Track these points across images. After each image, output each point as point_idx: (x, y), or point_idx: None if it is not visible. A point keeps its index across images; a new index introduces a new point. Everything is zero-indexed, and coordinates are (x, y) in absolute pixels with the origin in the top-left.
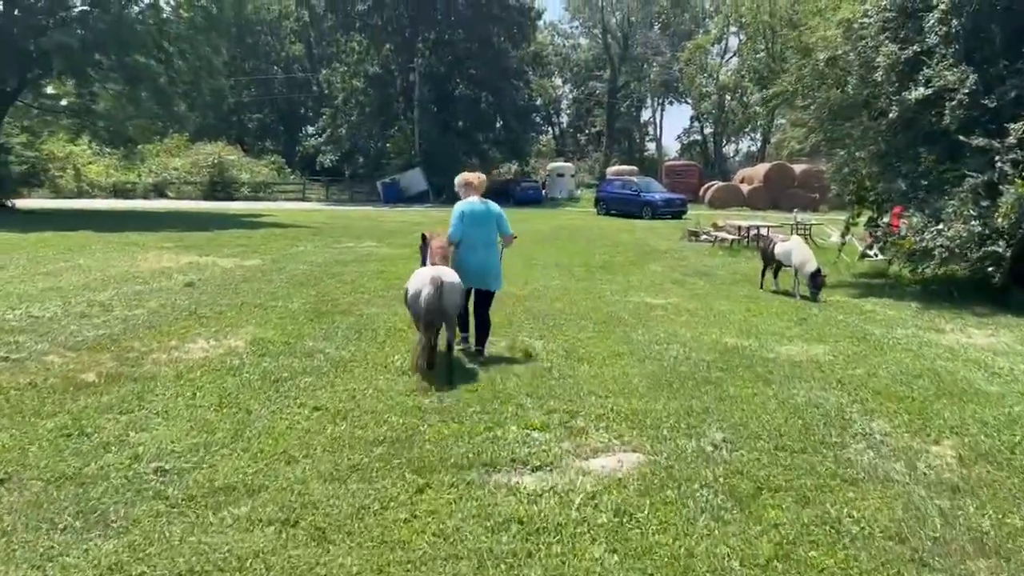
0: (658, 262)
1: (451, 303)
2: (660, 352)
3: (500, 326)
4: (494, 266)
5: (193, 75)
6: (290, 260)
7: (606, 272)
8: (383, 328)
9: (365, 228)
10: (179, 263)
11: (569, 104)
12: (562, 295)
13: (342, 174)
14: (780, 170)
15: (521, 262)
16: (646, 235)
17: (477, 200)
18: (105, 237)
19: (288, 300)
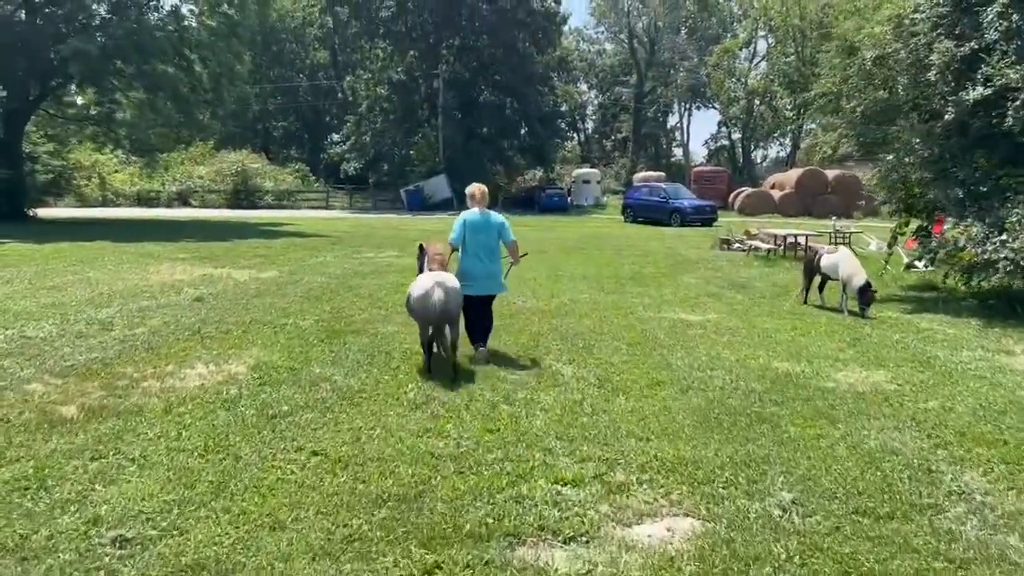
0: (691, 273)
1: (454, 306)
2: (704, 380)
3: (526, 347)
4: (497, 272)
5: (214, 82)
6: (307, 272)
7: (637, 284)
8: (398, 351)
9: (387, 237)
10: (192, 276)
11: (595, 110)
12: (591, 311)
13: (366, 182)
14: (812, 176)
15: (547, 273)
16: (676, 244)
17: (478, 210)
18: (121, 248)
19: (300, 317)
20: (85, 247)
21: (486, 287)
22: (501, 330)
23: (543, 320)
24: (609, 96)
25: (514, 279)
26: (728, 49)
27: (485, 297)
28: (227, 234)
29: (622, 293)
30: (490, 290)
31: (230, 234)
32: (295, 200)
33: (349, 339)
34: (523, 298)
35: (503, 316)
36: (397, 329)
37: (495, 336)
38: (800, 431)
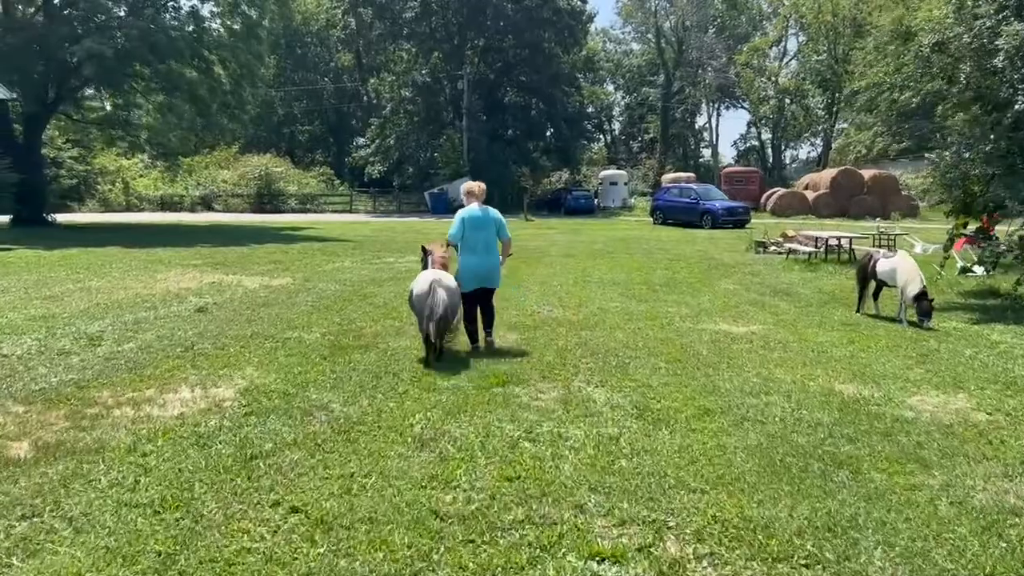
0: (728, 278)
1: (452, 304)
2: (760, 408)
3: (553, 366)
4: (495, 266)
5: (234, 84)
6: (322, 279)
7: (671, 291)
8: (407, 371)
9: (408, 241)
10: (200, 283)
11: (621, 111)
12: (624, 321)
13: (391, 185)
14: (848, 175)
15: (574, 279)
16: (708, 247)
17: (477, 207)
18: (132, 253)
19: (306, 330)
20: (95, 253)
21: (486, 281)
22: (524, 344)
23: (570, 333)
24: (636, 97)
25: (539, 285)
26: (758, 47)
27: (486, 291)
28: (245, 239)
29: (656, 301)
30: (490, 283)
31: (248, 239)
32: (319, 204)
33: (355, 356)
34: (548, 307)
35: (526, 328)
36: (408, 343)
37: (515, 353)
38: (888, 479)
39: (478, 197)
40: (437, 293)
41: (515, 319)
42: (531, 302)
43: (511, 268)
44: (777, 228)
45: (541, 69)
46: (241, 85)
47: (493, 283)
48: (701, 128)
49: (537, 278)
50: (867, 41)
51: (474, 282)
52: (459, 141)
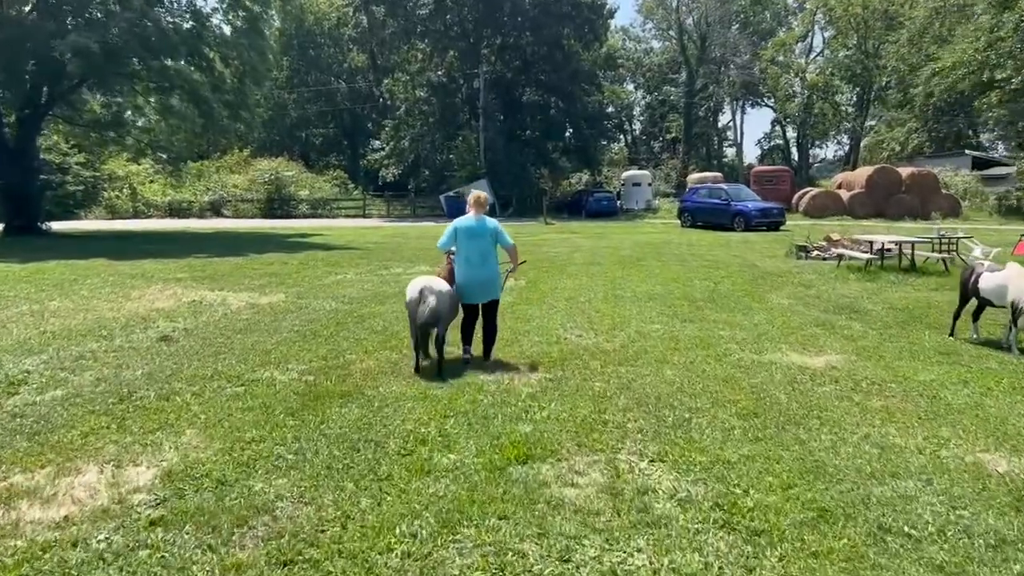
0: (778, 291)
1: (443, 309)
2: (897, 507)
3: (590, 425)
4: (493, 277)
5: (238, 82)
6: (318, 295)
7: (717, 307)
8: (395, 436)
9: (421, 249)
10: (178, 302)
11: (642, 110)
12: (671, 351)
13: (406, 188)
14: (885, 174)
15: (603, 292)
16: (745, 251)
17: (473, 216)
18: (115, 267)
19: (282, 366)
20: (75, 267)
21: (482, 293)
22: (550, 386)
23: (607, 369)
24: (657, 96)
25: (564, 301)
26: (783, 42)
27: (485, 304)
28: (246, 247)
29: (703, 321)
30: (487, 296)
31: (249, 247)
32: (331, 209)
33: (332, 411)
34: (577, 330)
35: (551, 361)
36: (403, 388)
37: (539, 401)
38: None
39: (482, 207)
40: (426, 300)
41: (537, 348)
42: (556, 323)
43: (531, 280)
44: (815, 231)
45: (560, 67)
46: (245, 83)
47: (492, 294)
48: (724, 127)
49: (561, 292)
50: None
51: (472, 295)
52: (475, 142)
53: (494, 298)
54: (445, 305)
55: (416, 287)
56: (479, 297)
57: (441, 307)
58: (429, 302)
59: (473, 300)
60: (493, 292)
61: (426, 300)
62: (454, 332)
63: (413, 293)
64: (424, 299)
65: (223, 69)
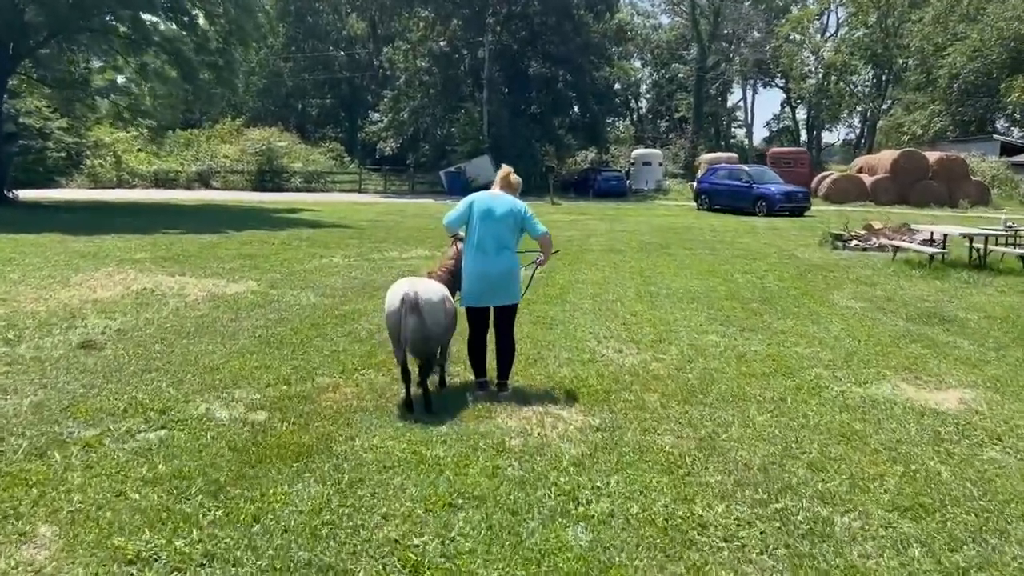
0: (838, 289)
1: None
2: None
3: (680, 528)
4: (510, 273)
5: (223, 42)
6: (296, 283)
7: (776, 310)
8: (373, 550)
9: (418, 228)
10: (125, 291)
11: (649, 88)
12: (744, 378)
13: (404, 163)
14: (910, 158)
15: (635, 289)
16: (775, 239)
17: (496, 193)
18: (67, 243)
19: (225, 395)
20: (19, 242)
21: (497, 294)
22: (602, 449)
23: (671, 408)
24: (664, 74)
25: (590, 299)
26: (800, 19)
27: (498, 311)
28: (225, 222)
29: (767, 331)
30: (504, 298)
31: (229, 223)
32: (325, 183)
33: (279, 492)
34: (614, 342)
35: (591, 394)
36: (391, 443)
37: (582, 468)
38: None
39: (512, 188)
40: (407, 317)
41: (568, 369)
42: (585, 330)
43: (546, 271)
44: (843, 217)
45: (569, 38)
46: (231, 43)
47: (508, 297)
48: (734, 107)
49: (584, 287)
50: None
51: (480, 294)
52: (479, 115)
53: (510, 302)
54: (438, 319)
55: (396, 294)
56: (489, 299)
57: (432, 322)
58: (413, 318)
59: (481, 302)
60: (509, 294)
61: (412, 313)
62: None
63: (393, 302)
64: (408, 311)
65: (207, 27)
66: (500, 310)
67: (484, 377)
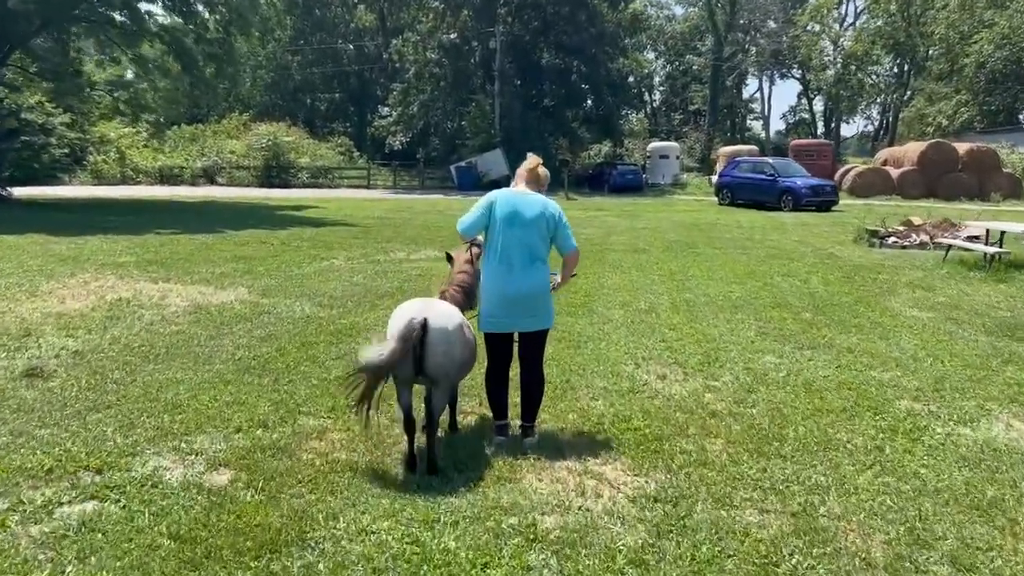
0: (893, 295)
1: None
2: None
3: None
4: (541, 291)
5: (223, 31)
6: (291, 291)
7: (833, 322)
8: None
9: (428, 226)
10: (99, 300)
11: (662, 80)
12: (819, 415)
13: (414, 158)
14: (939, 150)
15: (668, 295)
16: (807, 236)
17: (521, 190)
18: (49, 246)
19: (184, 446)
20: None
21: (523, 317)
22: (666, 532)
23: (742, 463)
24: (678, 66)
25: (620, 308)
26: (820, 7)
27: (525, 337)
28: (224, 221)
29: (830, 348)
30: (533, 323)
31: (228, 221)
32: (333, 178)
33: None
34: (655, 364)
35: (638, 438)
36: (385, 528)
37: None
38: None
39: (539, 183)
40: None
41: (605, 403)
42: (619, 349)
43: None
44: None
45: (583, 28)
46: (231, 33)
47: (539, 321)
48: (748, 99)
49: (612, 293)
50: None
51: (503, 317)
52: (490, 108)
53: (541, 328)
54: (453, 352)
55: (400, 322)
56: (515, 323)
57: (446, 358)
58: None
59: (504, 328)
60: (540, 317)
61: (420, 347)
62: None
63: (399, 334)
64: (414, 343)
65: (207, 16)
66: (527, 337)
67: (505, 419)
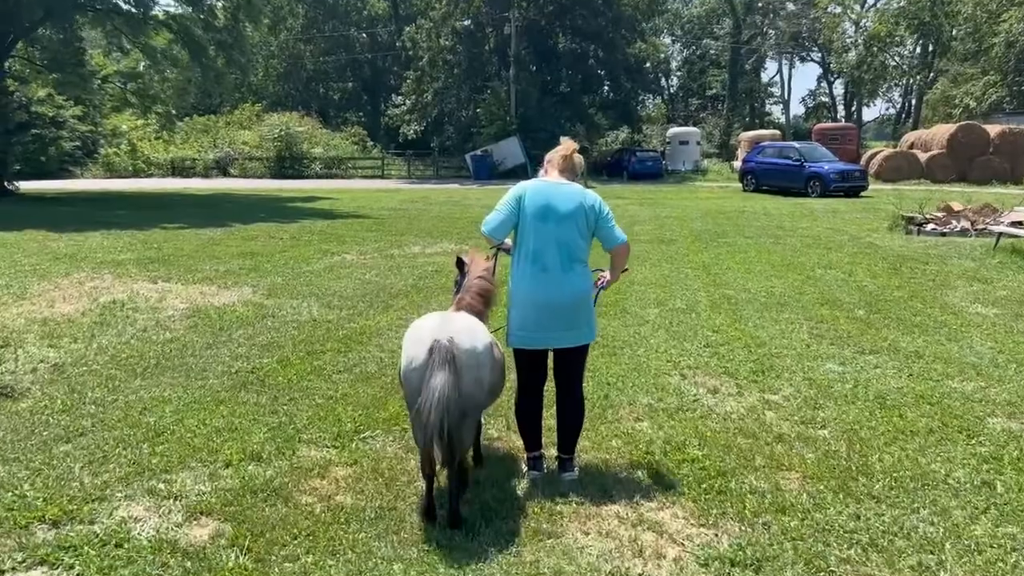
0: (949, 288)
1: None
2: None
3: None
4: (582, 299)
5: (231, 19)
6: (298, 290)
7: (890, 321)
8: None
9: (444, 217)
10: (92, 303)
11: (679, 65)
12: (901, 439)
13: (428, 147)
14: (969, 132)
15: (705, 292)
16: (839, 223)
17: (553, 181)
18: (48, 243)
19: (161, 488)
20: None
21: (556, 332)
22: None
23: (827, 509)
24: (695, 50)
25: (658, 309)
26: None
27: (561, 354)
28: (234, 215)
29: (895, 354)
30: (563, 339)
31: (238, 215)
32: (347, 169)
33: None
34: (704, 375)
35: (695, 470)
36: None
37: None
38: None
39: (571, 169)
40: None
41: (652, 429)
42: (660, 356)
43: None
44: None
45: (599, 11)
46: (240, 20)
47: (579, 335)
48: (769, 83)
49: (645, 291)
50: None
51: (537, 331)
52: (505, 95)
53: (582, 343)
54: (483, 379)
55: (422, 340)
56: (551, 338)
57: (476, 386)
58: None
59: (539, 344)
60: (581, 330)
61: (443, 369)
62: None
63: (416, 354)
64: (439, 365)
65: (215, 2)
66: (565, 354)
67: (539, 450)
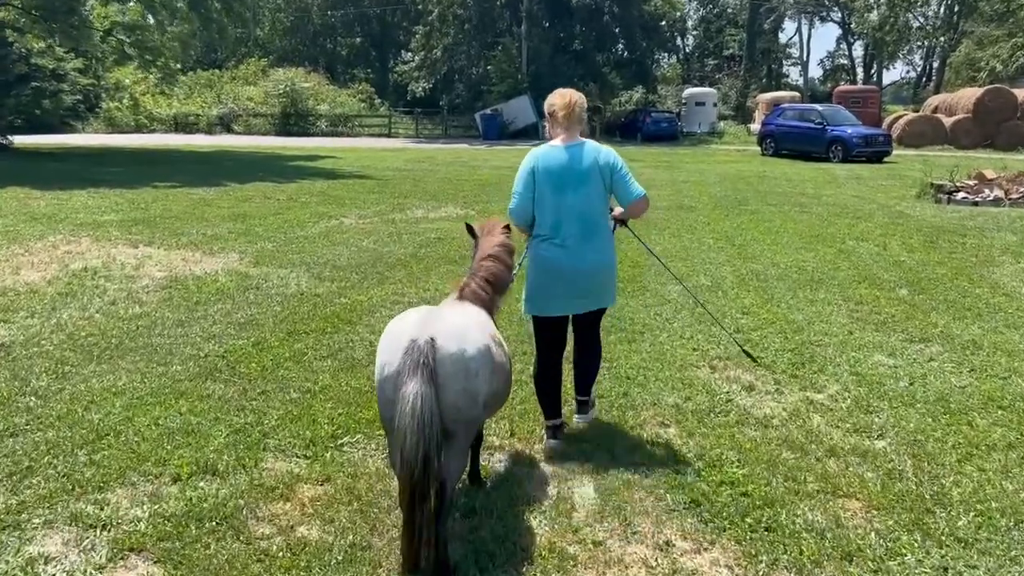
0: (994, 265)
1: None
2: None
3: None
4: (602, 268)
5: None
6: (288, 258)
7: (938, 302)
8: None
9: (450, 179)
10: (62, 270)
11: (695, 24)
12: (976, 455)
13: (437, 105)
14: (997, 96)
15: (729, 264)
16: (864, 190)
17: (561, 144)
18: (27, 201)
19: (92, 510)
20: None
21: (576, 298)
22: None
23: (903, 556)
24: (712, 9)
25: (676, 281)
26: None
27: (583, 317)
28: (231, 173)
29: (949, 343)
30: (593, 302)
31: (235, 173)
32: (353, 127)
33: None
34: (739, 370)
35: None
36: None
37: None
38: None
39: (574, 120)
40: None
41: (681, 435)
42: (686, 345)
43: None
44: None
45: None
46: None
47: (600, 300)
48: (787, 43)
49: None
50: None
51: (556, 298)
52: (517, 52)
53: (600, 307)
54: (475, 390)
55: (398, 342)
56: (571, 305)
57: (464, 398)
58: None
59: (558, 311)
60: (602, 295)
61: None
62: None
63: (391, 357)
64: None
65: None
66: (584, 316)
67: (559, 418)
